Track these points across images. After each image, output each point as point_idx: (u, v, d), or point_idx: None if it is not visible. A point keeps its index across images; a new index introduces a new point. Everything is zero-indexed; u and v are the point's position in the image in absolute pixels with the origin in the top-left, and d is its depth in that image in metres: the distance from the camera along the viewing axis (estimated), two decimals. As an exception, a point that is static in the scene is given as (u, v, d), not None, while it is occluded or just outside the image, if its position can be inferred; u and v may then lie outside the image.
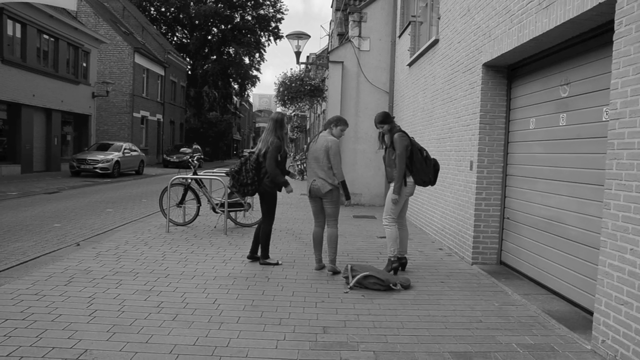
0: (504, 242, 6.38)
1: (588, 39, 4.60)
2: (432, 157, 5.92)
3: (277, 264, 6.13)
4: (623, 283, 3.48)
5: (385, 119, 5.88)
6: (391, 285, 5.19)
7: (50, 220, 9.65)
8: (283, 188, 6.04)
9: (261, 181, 5.99)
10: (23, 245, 7.29)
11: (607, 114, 4.20)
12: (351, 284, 5.21)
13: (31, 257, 6.34)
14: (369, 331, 4.05)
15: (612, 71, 3.70)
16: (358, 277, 5.21)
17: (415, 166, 5.71)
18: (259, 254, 6.26)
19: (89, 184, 18.07)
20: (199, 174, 8.98)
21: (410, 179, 5.77)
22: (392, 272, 5.69)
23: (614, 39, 3.68)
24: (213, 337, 3.83)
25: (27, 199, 13.29)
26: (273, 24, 51.62)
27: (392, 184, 5.77)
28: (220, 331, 3.95)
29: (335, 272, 5.75)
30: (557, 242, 5.07)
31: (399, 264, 5.83)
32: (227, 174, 8.89)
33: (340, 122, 5.91)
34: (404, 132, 5.78)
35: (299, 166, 21.69)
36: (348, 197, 5.77)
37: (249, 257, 6.32)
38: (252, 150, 6.22)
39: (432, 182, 5.89)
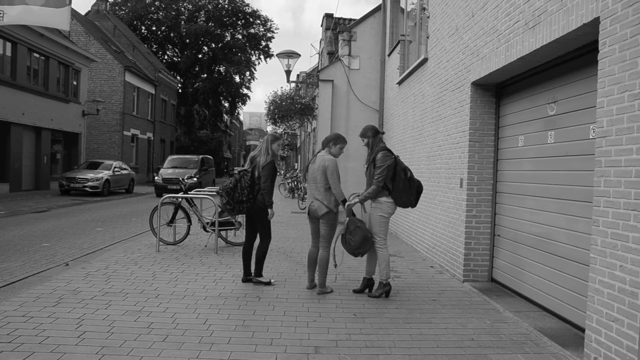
0: (495, 259, 6.40)
1: (574, 58, 4.69)
2: (416, 178, 5.73)
3: (269, 283, 6.09)
4: (613, 300, 3.50)
5: (366, 132, 5.79)
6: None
7: (38, 240, 9.55)
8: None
9: (255, 198, 5.94)
10: (10, 265, 7.20)
11: (594, 131, 4.26)
12: (340, 262, 5.57)
13: (19, 278, 6.26)
14: (360, 351, 4.02)
15: (598, 90, 3.76)
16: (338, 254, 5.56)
17: (397, 186, 5.53)
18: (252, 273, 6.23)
19: (79, 202, 17.93)
20: (189, 192, 8.94)
21: (389, 199, 5.59)
22: (384, 295, 5.66)
23: (598, 58, 3.75)
24: (204, 358, 3.79)
25: (15, 218, 13.15)
26: (263, 43, 52.01)
27: (372, 201, 5.70)
28: (211, 352, 3.91)
29: (325, 293, 5.72)
30: (548, 258, 5.10)
31: (388, 287, 5.71)
32: (218, 193, 8.91)
33: (339, 141, 5.81)
34: (388, 150, 5.66)
35: (290, 184, 21.67)
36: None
37: (244, 281, 6.21)
38: (243, 168, 6.20)
39: (413, 204, 5.71)
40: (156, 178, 22.81)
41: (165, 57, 50.75)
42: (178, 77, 48.01)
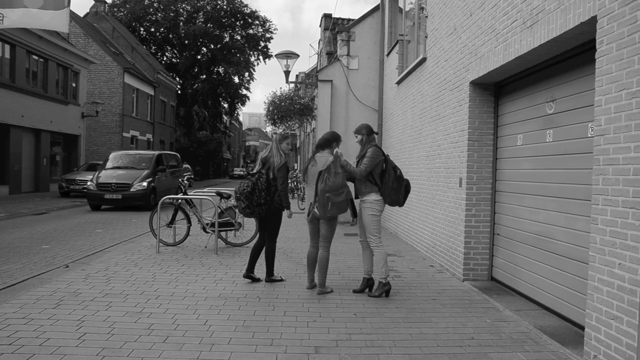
0: (495, 258, 6.41)
1: (572, 57, 4.70)
2: (405, 177, 5.76)
3: (281, 280, 6.27)
4: (613, 297, 3.50)
5: (360, 130, 5.84)
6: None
7: (38, 242, 9.55)
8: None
9: (272, 200, 6.01)
10: (11, 267, 7.20)
11: (592, 130, 4.26)
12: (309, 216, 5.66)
13: (19, 280, 6.26)
14: (361, 350, 4.03)
15: (596, 88, 3.77)
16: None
17: (387, 183, 5.59)
18: (255, 273, 6.29)
19: (79, 204, 17.91)
20: (189, 193, 8.95)
21: (377, 196, 5.63)
22: (384, 294, 5.65)
23: (596, 57, 3.76)
24: (204, 358, 3.79)
25: (15, 220, 13.15)
26: (262, 44, 52.01)
27: (361, 201, 5.73)
28: (212, 353, 3.91)
29: (325, 293, 5.73)
30: (547, 257, 5.10)
31: (387, 286, 5.70)
32: (220, 194, 8.93)
33: (340, 140, 5.90)
34: (379, 148, 5.75)
35: (289, 184, 21.68)
36: (355, 216, 5.82)
37: (245, 276, 6.28)
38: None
39: (401, 202, 5.74)
40: (89, 183, 16.81)
41: (164, 58, 50.76)
42: (177, 78, 48.02)
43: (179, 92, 46.90)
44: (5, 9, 7.82)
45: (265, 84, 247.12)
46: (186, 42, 48.29)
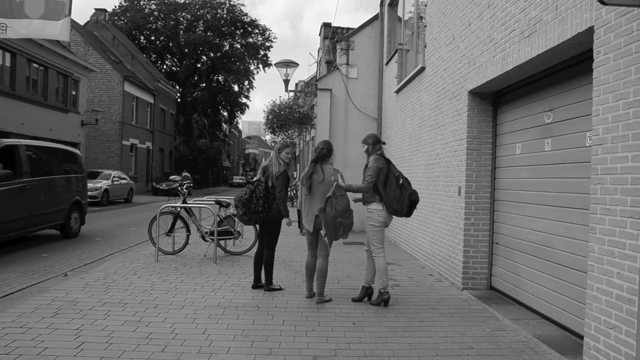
0: (494, 267, 6.40)
1: (570, 67, 4.72)
2: (413, 189, 5.61)
3: (280, 288, 6.26)
4: (611, 307, 3.50)
5: (367, 140, 5.90)
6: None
7: (37, 250, 9.53)
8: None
9: (271, 208, 6.07)
10: (9, 276, 7.18)
11: (590, 139, 4.28)
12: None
13: (17, 289, 6.24)
14: (360, 360, 4.02)
15: (593, 98, 3.79)
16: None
17: (388, 193, 5.50)
18: (262, 281, 6.34)
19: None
20: (188, 202, 8.95)
21: (378, 206, 5.60)
22: (382, 304, 5.64)
23: (593, 67, 3.79)
24: (202, 368, 3.79)
25: (13, 228, 13.11)
26: (262, 52, 52.20)
27: (366, 210, 5.74)
28: (210, 362, 3.90)
29: (324, 302, 5.72)
30: (546, 266, 5.10)
31: (386, 295, 5.68)
32: (219, 203, 8.93)
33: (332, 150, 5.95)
34: (382, 156, 5.72)
35: (289, 193, 21.69)
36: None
37: (254, 287, 6.33)
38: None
39: (405, 212, 5.60)
40: None
41: (164, 66, 50.89)
42: (177, 87, 48.12)
43: (179, 100, 46.97)
44: (8, 19, 7.85)
45: (264, 93, 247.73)
46: (186, 50, 48.44)
